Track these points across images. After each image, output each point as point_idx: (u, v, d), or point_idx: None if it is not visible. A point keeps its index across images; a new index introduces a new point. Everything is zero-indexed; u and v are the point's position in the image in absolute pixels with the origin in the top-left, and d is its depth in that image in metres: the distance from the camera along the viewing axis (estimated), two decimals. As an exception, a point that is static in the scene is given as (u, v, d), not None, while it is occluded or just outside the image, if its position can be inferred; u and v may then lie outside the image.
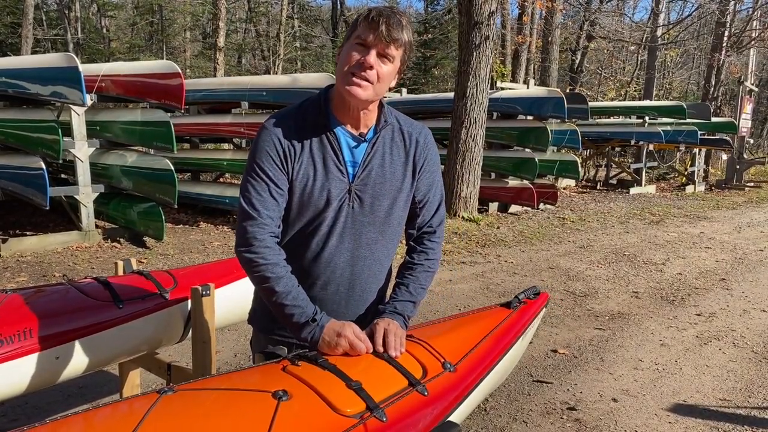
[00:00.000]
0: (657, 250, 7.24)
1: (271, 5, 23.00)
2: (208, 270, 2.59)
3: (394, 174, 1.65)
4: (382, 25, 1.49)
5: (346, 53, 1.54)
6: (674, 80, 29.73)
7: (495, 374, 1.74)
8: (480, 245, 7.31)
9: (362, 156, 1.62)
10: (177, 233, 7.45)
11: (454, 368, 1.59)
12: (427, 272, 1.72)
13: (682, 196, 13.09)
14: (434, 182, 1.74)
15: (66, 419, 1.18)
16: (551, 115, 9.65)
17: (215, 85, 9.48)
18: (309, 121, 1.61)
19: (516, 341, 1.84)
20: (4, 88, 6.54)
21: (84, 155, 6.43)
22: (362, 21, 1.52)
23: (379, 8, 1.54)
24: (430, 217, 1.74)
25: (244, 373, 1.48)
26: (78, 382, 3.24)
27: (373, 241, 1.67)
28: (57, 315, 2.06)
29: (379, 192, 1.64)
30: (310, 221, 1.62)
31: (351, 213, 1.63)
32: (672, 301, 5.17)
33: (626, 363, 3.80)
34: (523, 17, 15.64)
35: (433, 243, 1.74)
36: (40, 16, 20.88)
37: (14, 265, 5.77)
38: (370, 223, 1.65)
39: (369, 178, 1.62)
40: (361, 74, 1.52)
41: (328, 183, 1.59)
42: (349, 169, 1.61)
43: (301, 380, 1.37)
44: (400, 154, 1.67)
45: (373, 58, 1.51)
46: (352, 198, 1.62)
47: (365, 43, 1.51)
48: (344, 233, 1.63)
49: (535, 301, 2.05)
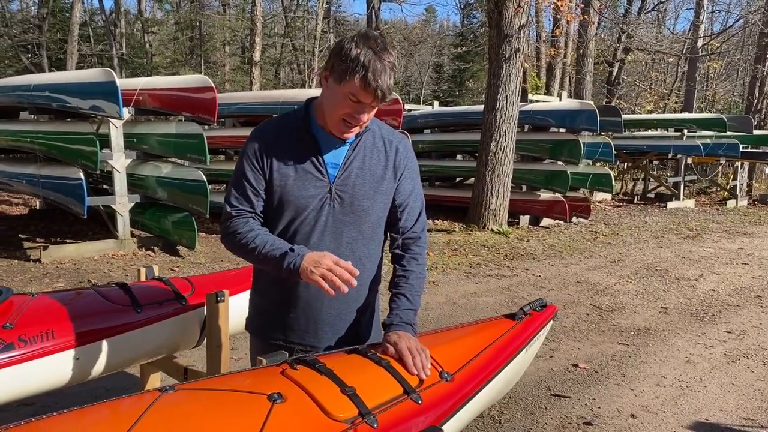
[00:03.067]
0: (691, 266, 7.08)
1: (307, 20, 23.40)
2: (225, 277, 2.67)
3: (374, 175, 1.72)
4: (378, 90, 1.53)
5: (339, 102, 1.57)
6: (717, 92, 29.02)
7: (495, 385, 1.75)
8: (508, 258, 7.27)
9: (343, 158, 1.70)
10: (210, 243, 7.63)
11: (451, 378, 1.61)
12: (420, 278, 1.76)
13: (722, 210, 12.75)
14: (414, 188, 1.80)
15: (70, 412, 1.25)
16: (584, 128, 9.55)
17: (249, 99, 9.71)
18: (291, 126, 1.71)
19: (518, 353, 1.85)
20: (48, 102, 6.85)
21: (121, 166, 6.67)
22: (358, 81, 1.52)
23: (372, 62, 1.51)
24: (413, 223, 1.79)
25: (244, 374, 1.54)
26: (105, 384, 3.36)
27: (353, 240, 1.73)
28: (78, 318, 2.16)
29: (359, 192, 1.70)
30: (292, 220, 1.70)
31: (332, 212, 1.69)
32: (702, 318, 5.04)
33: (648, 379, 3.73)
34: (556, 30, 15.54)
35: (419, 248, 1.79)
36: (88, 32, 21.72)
37: (53, 271, 6.00)
38: (350, 222, 1.71)
39: (349, 179, 1.69)
40: (353, 124, 1.61)
41: (307, 183, 1.67)
42: (330, 170, 1.69)
43: (297, 384, 1.41)
44: (380, 158, 1.73)
45: (366, 115, 1.61)
46: (332, 198, 1.69)
47: (360, 102, 1.56)
48: (325, 232, 1.70)
49: (542, 314, 2.06)
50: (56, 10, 20.40)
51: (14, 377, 1.98)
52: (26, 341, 2.00)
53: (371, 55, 1.52)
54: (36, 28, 20.63)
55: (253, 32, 15.55)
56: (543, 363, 3.95)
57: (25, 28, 21.53)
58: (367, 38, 1.56)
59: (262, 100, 9.34)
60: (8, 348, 1.96)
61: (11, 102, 7.53)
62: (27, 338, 2.00)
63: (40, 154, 7.01)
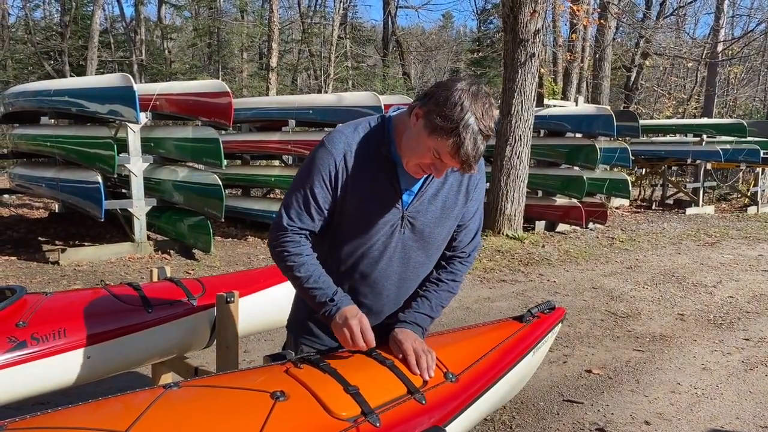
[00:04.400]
0: (709, 272, 6.97)
1: (324, 26, 23.55)
2: (235, 279, 2.69)
3: (446, 203, 1.66)
4: (466, 164, 1.44)
5: (422, 151, 1.47)
6: (738, 98, 28.62)
7: (501, 387, 1.74)
8: (523, 263, 7.22)
9: (419, 186, 1.63)
10: (225, 246, 7.68)
11: (456, 378, 1.60)
12: (449, 293, 1.75)
13: (743, 217, 12.55)
14: (478, 209, 1.76)
15: (75, 407, 1.27)
16: (600, 133, 9.48)
17: (265, 104, 9.78)
18: (371, 148, 1.59)
19: (525, 356, 1.84)
20: (68, 106, 6.96)
21: (138, 170, 6.74)
22: (451, 146, 1.41)
23: (472, 132, 1.40)
24: (467, 242, 1.77)
25: (248, 372, 1.55)
26: (118, 384, 3.39)
27: (420, 264, 1.71)
28: (90, 317, 2.18)
29: (431, 220, 1.65)
30: (361, 244, 1.65)
31: (402, 239, 1.65)
32: (719, 325, 4.97)
33: (663, 386, 3.68)
34: (572, 35, 15.46)
35: (462, 266, 1.77)
36: (109, 39, 22.06)
37: (71, 273, 6.08)
38: (419, 248, 1.68)
39: (422, 206, 1.63)
40: (429, 173, 1.55)
41: (382, 209, 1.61)
42: (404, 197, 1.62)
43: (301, 382, 1.42)
44: (454, 184, 1.67)
45: (443, 173, 1.54)
46: (404, 225, 1.64)
47: (442, 161, 1.47)
48: (394, 257, 1.67)
49: (550, 316, 2.04)
50: (78, 17, 20.76)
51: (27, 375, 2.01)
52: (39, 339, 2.03)
53: (472, 122, 1.40)
54: (58, 35, 21.01)
55: (270, 38, 15.69)
56: (556, 368, 3.92)
57: (48, 35, 21.94)
58: (475, 99, 1.42)
59: (278, 105, 9.41)
60: (21, 346, 1.99)
61: (32, 107, 7.67)
62: (39, 336, 2.03)
63: (60, 158, 7.13)
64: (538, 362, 2.02)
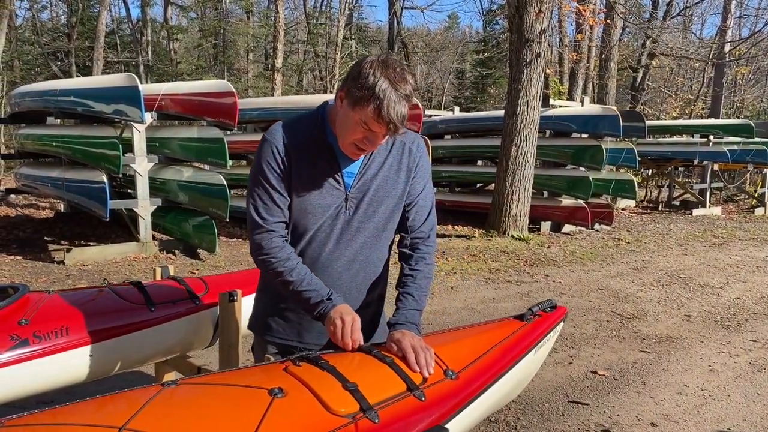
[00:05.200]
0: (716, 274, 6.93)
1: (329, 27, 23.58)
2: (239, 277, 2.68)
3: (387, 181, 1.71)
4: (390, 123, 1.50)
5: (352, 127, 1.55)
6: (745, 98, 28.46)
7: (502, 386, 1.72)
8: (528, 264, 7.20)
9: (359, 166, 1.68)
10: (230, 246, 7.69)
11: (456, 376, 1.59)
12: (427, 278, 1.75)
13: (750, 218, 12.47)
14: (425, 188, 1.78)
15: (72, 405, 1.26)
16: (606, 133, 9.43)
17: (270, 104, 9.80)
18: (307, 133, 1.67)
19: (526, 354, 1.82)
20: (73, 106, 6.98)
21: (143, 170, 6.76)
22: (371, 111, 1.49)
23: (388, 94, 1.48)
24: (422, 222, 1.78)
25: (246, 370, 1.54)
26: (121, 383, 3.38)
27: (368, 246, 1.73)
28: (93, 315, 2.18)
29: (374, 199, 1.70)
30: (307, 229, 1.70)
31: (347, 220, 1.69)
32: (726, 326, 4.93)
33: (670, 387, 3.65)
34: (578, 35, 15.40)
35: (428, 248, 1.78)
36: (115, 41, 22.17)
37: (76, 273, 6.10)
38: (365, 229, 1.72)
39: (365, 187, 1.69)
40: (364, 149, 1.61)
41: (324, 192, 1.66)
42: (346, 179, 1.68)
43: (299, 379, 1.41)
44: (393, 163, 1.72)
45: (377, 143, 1.59)
46: (348, 206, 1.68)
47: (371, 130, 1.54)
48: (341, 239, 1.70)
49: (551, 315, 2.02)
50: (85, 18, 20.88)
51: (29, 373, 2.01)
52: (41, 337, 2.02)
53: (386, 86, 1.48)
54: (65, 36, 21.13)
55: (276, 39, 15.71)
56: (561, 369, 3.89)
57: (55, 36, 22.07)
58: (385, 66, 1.51)
59: (283, 105, 9.41)
60: (23, 344, 1.99)
61: (38, 107, 7.70)
62: (41, 334, 2.02)
63: (65, 157, 7.15)
64: (540, 361, 2.00)
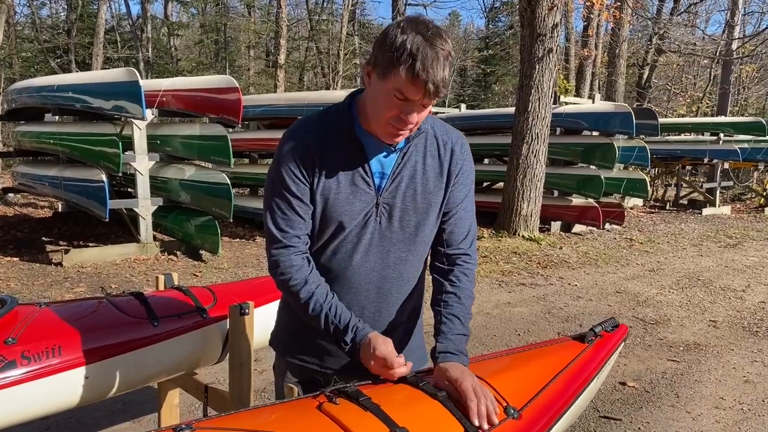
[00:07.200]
0: (736, 276, 6.70)
1: (332, 23, 23.31)
2: (250, 287, 2.45)
3: (426, 186, 1.47)
4: (429, 83, 1.26)
5: (384, 101, 1.33)
6: (750, 96, 28.23)
7: (565, 420, 1.49)
8: (541, 266, 6.96)
9: (392, 167, 1.45)
10: (233, 247, 7.46)
11: (519, 414, 1.35)
12: (470, 298, 1.53)
13: (760, 218, 12.24)
14: (467, 195, 1.55)
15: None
16: (618, 131, 9.20)
17: (273, 101, 9.57)
18: (333, 129, 1.44)
19: (591, 382, 1.59)
20: (72, 102, 6.74)
21: (144, 169, 6.52)
22: (405, 73, 1.26)
23: (422, 49, 1.25)
24: (462, 237, 1.54)
25: (273, 408, 1.30)
26: (121, 398, 3.16)
27: (401, 261, 1.50)
28: (89, 332, 1.94)
29: (409, 206, 1.46)
30: (332, 237, 1.47)
31: (378, 229, 1.46)
32: (755, 333, 4.70)
33: (705, 400, 3.42)
34: (588, 30, 15.14)
35: (471, 265, 1.54)
36: (115, 37, 21.90)
37: (74, 275, 5.86)
38: (399, 241, 1.48)
39: (398, 191, 1.45)
40: (402, 128, 1.36)
41: (352, 196, 1.43)
42: (376, 180, 1.45)
43: (339, 423, 1.17)
44: (433, 165, 1.48)
45: (417, 116, 1.34)
46: (379, 212, 1.45)
47: (407, 99, 1.30)
48: (370, 251, 1.47)
49: (613, 335, 1.79)
50: (84, 15, 20.62)
51: (16, 399, 1.77)
52: (29, 358, 1.79)
53: (420, 41, 1.25)
54: (65, 32, 20.88)
55: (278, 35, 15.47)
56: (588, 381, 3.66)
57: (54, 32, 21.81)
58: (416, 23, 1.29)
59: (287, 102, 9.19)
60: (9, 366, 1.75)
61: (36, 103, 7.46)
62: (30, 355, 1.79)
63: (63, 155, 6.91)
64: (599, 385, 1.77)
